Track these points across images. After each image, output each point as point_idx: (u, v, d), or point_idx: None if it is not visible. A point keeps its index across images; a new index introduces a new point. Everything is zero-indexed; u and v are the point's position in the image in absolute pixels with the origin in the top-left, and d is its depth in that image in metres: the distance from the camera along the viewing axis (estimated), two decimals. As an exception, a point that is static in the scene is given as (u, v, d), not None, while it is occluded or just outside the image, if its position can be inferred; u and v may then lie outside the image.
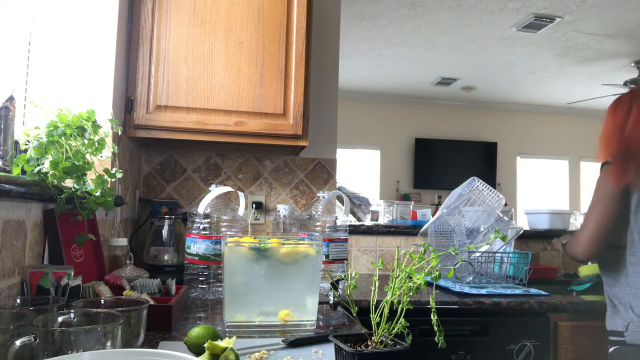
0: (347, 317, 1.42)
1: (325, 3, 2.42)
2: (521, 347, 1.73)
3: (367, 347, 0.87)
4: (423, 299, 1.71)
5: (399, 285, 0.86)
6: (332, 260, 1.53)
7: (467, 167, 7.05)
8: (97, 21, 1.65)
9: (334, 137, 2.45)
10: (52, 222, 1.21)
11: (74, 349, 0.73)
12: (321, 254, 1.30)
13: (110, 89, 1.66)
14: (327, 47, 2.44)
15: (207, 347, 0.88)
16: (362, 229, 2.48)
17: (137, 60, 1.81)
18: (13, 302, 0.96)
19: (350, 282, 0.95)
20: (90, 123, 1.28)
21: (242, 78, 1.88)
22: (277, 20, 1.92)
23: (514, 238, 2.17)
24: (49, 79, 1.57)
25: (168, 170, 2.26)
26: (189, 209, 2.13)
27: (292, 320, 1.22)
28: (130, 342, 0.90)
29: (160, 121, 1.81)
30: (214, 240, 1.52)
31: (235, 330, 1.18)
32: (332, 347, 0.92)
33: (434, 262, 0.86)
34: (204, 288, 1.52)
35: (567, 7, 4.29)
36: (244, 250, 1.21)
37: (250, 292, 1.20)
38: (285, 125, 1.91)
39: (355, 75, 6.56)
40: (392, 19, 4.73)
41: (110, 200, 1.29)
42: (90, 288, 1.19)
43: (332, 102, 2.45)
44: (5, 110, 1.09)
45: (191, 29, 1.85)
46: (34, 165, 1.13)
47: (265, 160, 2.34)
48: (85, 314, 0.87)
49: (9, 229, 1.03)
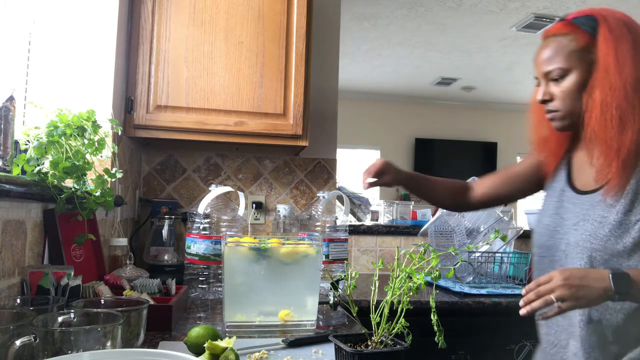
0: (347, 317, 1.42)
1: (325, 3, 2.42)
2: (521, 347, 1.73)
3: (367, 347, 0.87)
4: (423, 299, 1.71)
5: (399, 285, 0.86)
6: (332, 260, 1.53)
7: (467, 167, 7.04)
8: (97, 21, 1.65)
9: (334, 137, 2.45)
10: (52, 222, 1.21)
11: (74, 349, 0.73)
12: (321, 254, 1.30)
13: (110, 89, 1.66)
14: (327, 47, 2.44)
15: (207, 347, 0.88)
16: (362, 229, 2.48)
17: (137, 60, 1.81)
18: (13, 302, 0.95)
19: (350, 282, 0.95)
20: (90, 123, 1.28)
21: (242, 78, 1.88)
22: (277, 20, 1.92)
23: (514, 238, 2.17)
24: (49, 79, 1.57)
25: (168, 170, 2.26)
26: (189, 209, 2.13)
27: (292, 320, 1.22)
28: (130, 342, 0.90)
29: (160, 121, 1.81)
30: (214, 240, 1.52)
31: (235, 330, 1.18)
32: (332, 347, 0.92)
33: (434, 262, 0.86)
34: (204, 288, 1.52)
35: (567, 7, 4.29)
36: (244, 250, 1.21)
37: (250, 292, 1.20)
38: (285, 125, 1.91)
39: (355, 75, 6.56)
40: (392, 19, 4.73)
41: (110, 200, 1.29)
42: (90, 288, 1.19)
43: (332, 102, 2.45)
44: (5, 110, 1.09)
45: (191, 29, 1.85)
46: (34, 165, 1.13)
47: (265, 160, 2.33)
48: (85, 314, 0.87)
49: (9, 229, 1.03)
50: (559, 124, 1.16)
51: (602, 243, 1.04)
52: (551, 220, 1.18)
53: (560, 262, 1.11)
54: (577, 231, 1.09)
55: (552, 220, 1.18)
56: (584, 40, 1.09)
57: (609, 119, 1.05)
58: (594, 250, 1.04)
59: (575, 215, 1.12)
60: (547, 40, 1.15)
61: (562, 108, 1.13)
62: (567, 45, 1.10)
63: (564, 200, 1.18)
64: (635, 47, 1.07)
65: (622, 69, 1.05)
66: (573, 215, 1.13)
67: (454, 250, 0.97)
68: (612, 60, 1.05)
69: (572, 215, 1.13)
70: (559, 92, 1.12)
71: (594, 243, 1.05)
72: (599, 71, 1.07)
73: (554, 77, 1.12)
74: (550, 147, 1.27)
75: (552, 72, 1.12)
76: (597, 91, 1.07)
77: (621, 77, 1.04)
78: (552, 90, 1.13)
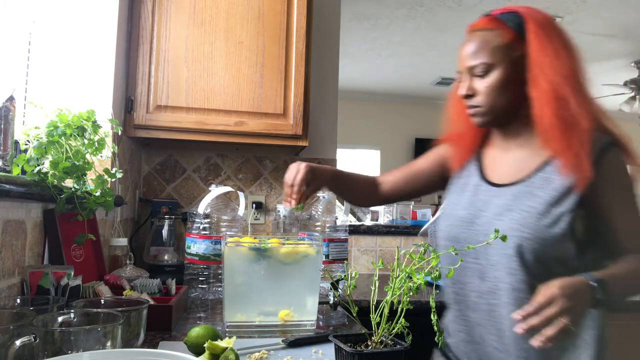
0: (347, 317, 1.42)
1: (325, 3, 2.42)
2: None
3: (367, 347, 0.87)
4: (423, 299, 1.71)
5: (399, 285, 0.86)
6: (332, 260, 1.53)
7: (467, 167, 7.03)
8: (97, 21, 1.65)
9: (334, 137, 2.45)
10: (52, 222, 1.21)
11: (74, 349, 0.73)
12: (321, 254, 1.30)
13: (110, 89, 1.66)
14: (327, 47, 2.44)
15: (207, 347, 0.88)
16: (362, 229, 2.48)
17: (137, 60, 1.81)
18: (13, 302, 0.95)
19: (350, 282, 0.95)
20: (90, 123, 1.28)
21: (242, 78, 1.88)
22: (277, 20, 1.92)
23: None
24: (49, 79, 1.57)
25: (168, 170, 2.26)
26: (189, 209, 2.13)
27: (292, 320, 1.22)
28: (130, 342, 0.90)
29: (160, 121, 1.81)
30: (214, 240, 1.52)
31: (235, 330, 1.18)
32: (332, 347, 0.92)
33: (434, 262, 0.86)
34: (204, 288, 1.51)
35: (567, 7, 4.29)
36: (244, 250, 1.21)
37: (250, 292, 1.20)
38: (285, 125, 1.91)
39: (355, 75, 6.56)
40: (392, 19, 4.73)
41: (110, 200, 1.29)
42: (90, 288, 1.19)
43: (332, 102, 2.45)
44: (5, 110, 1.09)
45: (191, 29, 1.85)
46: (34, 165, 1.13)
47: (265, 160, 2.33)
48: (85, 314, 0.87)
49: (9, 229, 1.03)
50: (480, 119, 1.14)
51: (532, 232, 1.02)
52: (467, 212, 1.15)
53: (477, 254, 1.08)
54: (502, 221, 1.07)
55: (468, 213, 1.15)
56: (509, 37, 1.08)
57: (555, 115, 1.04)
58: (524, 239, 1.02)
59: (498, 206, 1.10)
60: (472, 35, 1.13)
61: (485, 104, 1.11)
62: (492, 41, 1.09)
63: (480, 194, 1.16)
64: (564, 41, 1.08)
65: (555, 62, 1.04)
66: (494, 207, 1.11)
67: (454, 250, 0.97)
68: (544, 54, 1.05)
69: (493, 206, 1.11)
70: (482, 88, 1.11)
71: (524, 232, 1.02)
72: (534, 68, 1.06)
73: (478, 72, 1.10)
74: (465, 142, 1.26)
75: (476, 67, 1.10)
76: (536, 89, 1.06)
77: (558, 71, 1.04)
78: (475, 86, 1.12)
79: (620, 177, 1.07)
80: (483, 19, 1.14)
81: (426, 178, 1.36)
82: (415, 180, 1.38)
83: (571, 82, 1.05)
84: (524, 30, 1.08)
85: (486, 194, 1.15)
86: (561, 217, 1.02)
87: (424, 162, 1.38)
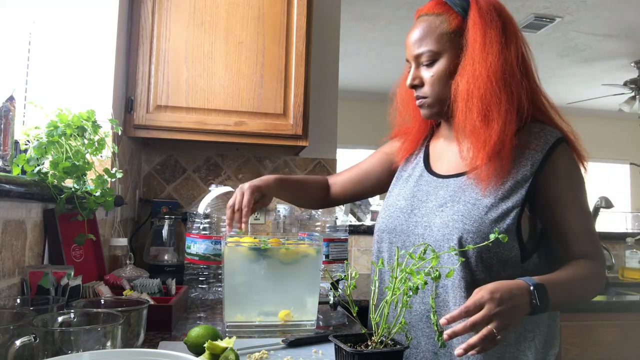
0: (347, 317, 1.42)
1: (325, 3, 2.42)
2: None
3: (367, 347, 0.87)
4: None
5: (399, 285, 0.86)
6: (332, 260, 1.53)
7: (467, 167, 7.03)
8: (97, 21, 1.65)
9: (334, 137, 2.45)
10: (52, 222, 1.21)
11: (74, 349, 0.73)
12: (321, 254, 1.29)
13: (110, 89, 1.66)
14: (327, 47, 2.44)
15: (207, 347, 0.88)
16: (362, 229, 2.48)
17: (137, 60, 1.81)
18: (13, 302, 0.95)
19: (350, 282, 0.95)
20: (90, 123, 1.28)
21: (242, 78, 1.88)
22: (277, 20, 1.92)
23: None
24: (49, 79, 1.57)
25: (168, 170, 2.26)
26: (189, 209, 2.13)
27: (292, 320, 1.22)
28: (130, 342, 0.90)
29: (160, 121, 1.81)
30: (214, 240, 1.52)
31: (235, 330, 1.18)
32: (332, 347, 0.92)
33: (434, 262, 0.86)
34: (204, 288, 1.52)
35: (567, 7, 4.29)
36: (244, 250, 1.21)
37: (250, 292, 1.20)
38: (285, 125, 1.91)
39: (355, 75, 6.56)
40: (392, 19, 4.73)
41: (110, 200, 1.29)
42: (90, 288, 1.19)
43: (332, 102, 2.45)
44: (5, 110, 1.09)
45: (191, 29, 1.85)
46: (34, 165, 1.13)
47: (265, 160, 2.33)
48: (85, 314, 0.87)
49: (9, 229, 1.03)
50: (427, 111, 1.10)
51: (475, 225, 0.98)
52: (407, 203, 1.12)
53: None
54: (444, 212, 1.03)
55: (408, 203, 1.11)
56: (455, 23, 1.04)
57: (474, 111, 1.00)
58: (466, 231, 0.98)
59: (440, 197, 1.06)
60: (419, 20, 1.08)
61: (431, 94, 1.07)
62: (439, 27, 1.04)
63: (422, 184, 1.13)
64: (504, 34, 1.02)
65: (487, 56, 0.99)
66: (436, 198, 1.07)
67: (453, 250, 0.97)
68: (479, 47, 1.00)
69: (435, 197, 1.08)
70: (428, 77, 1.06)
71: (467, 224, 0.99)
72: (466, 58, 1.01)
73: (424, 61, 1.06)
74: (412, 134, 1.23)
75: (422, 56, 1.06)
76: (463, 80, 1.02)
77: (485, 66, 0.99)
78: (422, 75, 1.08)
79: (569, 172, 1.03)
80: (431, 2, 1.09)
81: (376, 177, 1.34)
82: (366, 180, 1.35)
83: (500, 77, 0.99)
84: (468, 16, 1.03)
85: (429, 185, 1.12)
86: (508, 213, 0.99)
87: (370, 161, 1.36)
